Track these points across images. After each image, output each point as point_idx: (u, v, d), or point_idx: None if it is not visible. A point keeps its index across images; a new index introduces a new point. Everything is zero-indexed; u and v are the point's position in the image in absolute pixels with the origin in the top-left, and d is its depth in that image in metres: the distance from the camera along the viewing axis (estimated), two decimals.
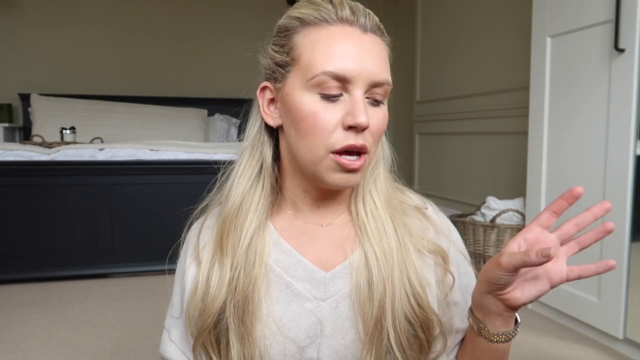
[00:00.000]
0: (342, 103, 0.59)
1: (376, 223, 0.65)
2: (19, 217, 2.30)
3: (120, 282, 2.33)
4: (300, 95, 0.60)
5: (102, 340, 1.67)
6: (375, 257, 0.63)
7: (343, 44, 0.59)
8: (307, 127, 0.59)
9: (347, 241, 0.66)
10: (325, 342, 0.63)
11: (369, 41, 0.60)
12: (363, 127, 0.58)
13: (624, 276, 1.54)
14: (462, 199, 3.12)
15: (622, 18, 1.51)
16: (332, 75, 0.58)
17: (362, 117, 0.57)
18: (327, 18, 0.60)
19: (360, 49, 0.59)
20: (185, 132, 3.50)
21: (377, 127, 0.61)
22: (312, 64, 0.59)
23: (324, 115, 0.58)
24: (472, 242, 2.15)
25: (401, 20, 4.25)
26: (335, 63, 0.58)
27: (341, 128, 0.59)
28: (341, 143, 0.58)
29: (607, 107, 1.59)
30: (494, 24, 2.79)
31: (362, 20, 0.61)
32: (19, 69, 3.67)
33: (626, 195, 1.53)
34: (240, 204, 0.66)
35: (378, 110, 0.61)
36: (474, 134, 3.00)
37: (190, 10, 3.97)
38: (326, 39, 0.59)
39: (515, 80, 2.55)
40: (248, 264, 0.64)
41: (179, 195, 2.41)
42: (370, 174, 0.68)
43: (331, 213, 0.68)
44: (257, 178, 0.67)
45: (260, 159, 0.67)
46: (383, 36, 0.64)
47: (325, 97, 0.59)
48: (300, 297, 0.64)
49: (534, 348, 1.64)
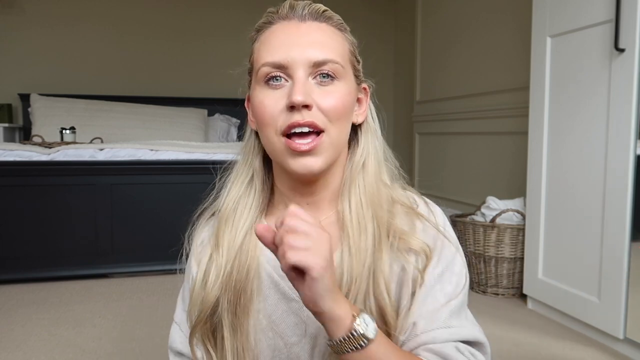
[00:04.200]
0: (287, 88, 0.62)
1: (359, 220, 0.65)
2: (19, 217, 2.30)
3: (120, 282, 2.33)
4: (254, 91, 0.65)
5: (102, 340, 1.67)
6: (348, 254, 0.63)
7: (279, 36, 0.64)
8: (260, 118, 0.64)
9: (332, 240, 0.67)
10: (310, 342, 0.66)
11: (307, 28, 0.64)
12: (300, 104, 0.59)
13: (624, 276, 1.54)
14: (462, 199, 3.12)
15: (622, 18, 1.51)
16: (270, 65, 0.62)
17: (296, 95, 0.59)
18: (271, 20, 0.66)
19: (296, 36, 0.63)
20: (185, 132, 3.50)
21: (329, 105, 0.62)
22: (257, 61, 0.65)
23: (268, 102, 0.62)
24: (472, 242, 2.15)
25: (401, 20, 4.25)
26: (271, 53, 0.63)
27: (286, 111, 0.61)
28: (285, 123, 0.61)
29: (607, 107, 1.59)
30: (494, 24, 2.79)
31: (300, 11, 0.65)
32: (19, 69, 3.67)
33: (626, 195, 1.53)
34: (236, 205, 0.69)
35: (329, 88, 0.63)
36: (474, 134, 3.00)
37: (191, 10, 3.97)
38: (267, 36, 0.65)
39: (515, 80, 2.55)
40: (241, 260, 0.67)
41: (179, 195, 2.41)
42: (357, 168, 0.68)
43: (320, 211, 0.69)
44: (250, 182, 0.71)
45: (251, 164, 0.71)
46: (330, 21, 0.66)
47: (269, 85, 0.63)
48: (286, 297, 0.67)
49: (534, 348, 1.64)
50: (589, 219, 1.68)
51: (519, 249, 2.07)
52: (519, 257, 2.08)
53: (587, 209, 1.69)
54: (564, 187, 1.80)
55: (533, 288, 1.97)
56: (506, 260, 2.10)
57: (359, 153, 0.69)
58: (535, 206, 1.94)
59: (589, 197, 1.68)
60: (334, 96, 0.63)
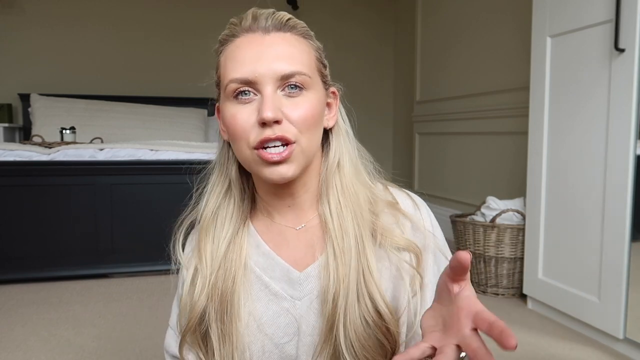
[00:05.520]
0: (256, 103, 0.62)
1: (340, 222, 0.66)
2: (19, 217, 2.30)
3: (120, 282, 2.33)
4: (224, 106, 0.65)
5: (102, 340, 1.67)
6: (333, 257, 0.65)
7: (244, 50, 0.63)
8: (232, 131, 0.64)
9: (317, 242, 0.69)
10: (302, 339, 0.67)
11: (271, 40, 0.63)
12: (271, 121, 0.60)
13: (624, 276, 1.54)
14: (462, 199, 3.12)
15: (622, 18, 1.51)
16: (238, 81, 0.62)
17: (266, 112, 0.59)
18: (235, 33, 0.65)
19: (260, 50, 0.62)
20: (185, 132, 3.50)
21: (299, 116, 0.62)
22: (224, 76, 0.64)
23: (240, 116, 0.62)
24: (472, 242, 2.15)
25: (401, 20, 4.25)
26: (238, 70, 0.62)
27: (257, 126, 0.61)
28: (257, 138, 0.61)
29: (607, 107, 1.59)
30: (494, 24, 2.79)
31: (263, 23, 0.64)
32: (19, 69, 3.67)
33: (626, 195, 1.53)
34: (216, 216, 0.70)
35: (298, 100, 0.63)
36: (474, 134, 3.00)
37: (190, 10, 3.96)
38: (232, 50, 0.64)
39: (515, 80, 2.55)
40: (226, 269, 0.68)
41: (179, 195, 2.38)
42: (332, 169, 0.69)
43: (304, 214, 0.70)
44: (227, 192, 0.72)
45: (227, 174, 0.72)
46: (295, 30, 0.66)
47: (239, 101, 0.63)
48: (278, 297, 0.68)
49: (534, 348, 1.64)
50: (589, 219, 1.68)
51: (519, 249, 2.07)
52: (519, 257, 2.08)
53: (587, 209, 1.69)
54: (564, 187, 1.80)
55: (533, 288, 1.97)
56: (506, 260, 2.10)
57: (331, 156, 0.70)
58: (535, 206, 1.94)
59: (589, 197, 1.68)
60: (303, 107, 0.63)
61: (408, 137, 3.93)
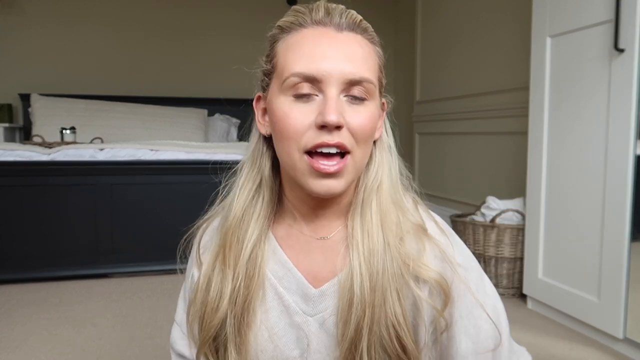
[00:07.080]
0: (316, 103, 0.58)
1: (369, 242, 0.62)
2: (19, 217, 2.30)
3: (120, 282, 2.33)
4: (276, 99, 0.60)
5: (102, 340, 1.67)
6: (360, 279, 0.60)
7: (313, 44, 0.58)
8: (281, 129, 0.59)
9: (338, 257, 0.65)
10: (312, 356, 0.64)
11: (344, 39, 0.59)
12: (334, 125, 0.56)
13: (624, 276, 1.54)
14: (462, 199, 3.12)
15: (622, 18, 1.51)
16: (302, 76, 0.57)
17: (332, 115, 0.55)
18: (302, 22, 0.60)
19: (333, 48, 0.58)
20: (185, 132, 3.50)
21: (359, 126, 0.59)
22: (285, 67, 0.59)
23: (294, 115, 0.58)
24: (472, 242, 2.15)
25: (401, 20, 4.25)
26: (304, 64, 0.57)
27: (314, 128, 0.57)
28: (313, 141, 0.57)
29: (607, 107, 1.59)
30: (494, 24, 2.79)
31: (337, 19, 0.60)
32: (19, 69, 3.67)
33: (626, 195, 1.53)
34: (242, 215, 0.66)
35: (360, 108, 0.59)
36: (474, 134, 3.00)
37: (191, 10, 3.96)
38: (298, 41, 0.59)
39: (515, 80, 2.55)
40: (248, 275, 0.64)
41: (179, 195, 2.41)
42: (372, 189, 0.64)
43: (328, 225, 0.67)
44: (258, 190, 0.67)
45: (259, 170, 0.67)
46: (366, 34, 0.62)
47: (297, 98, 0.58)
48: (290, 310, 0.65)
49: (534, 348, 1.64)
50: (589, 219, 1.68)
51: (519, 249, 2.07)
52: (519, 257, 2.08)
53: (587, 209, 1.69)
54: (564, 187, 1.80)
55: (533, 288, 1.97)
56: (506, 260, 2.10)
57: (373, 171, 0.65)
58: (535, 206, 1.94)
59: (589, 197, 1.68)
60: (364, 116, 0.59)
61: (408, 137, 3.93)
